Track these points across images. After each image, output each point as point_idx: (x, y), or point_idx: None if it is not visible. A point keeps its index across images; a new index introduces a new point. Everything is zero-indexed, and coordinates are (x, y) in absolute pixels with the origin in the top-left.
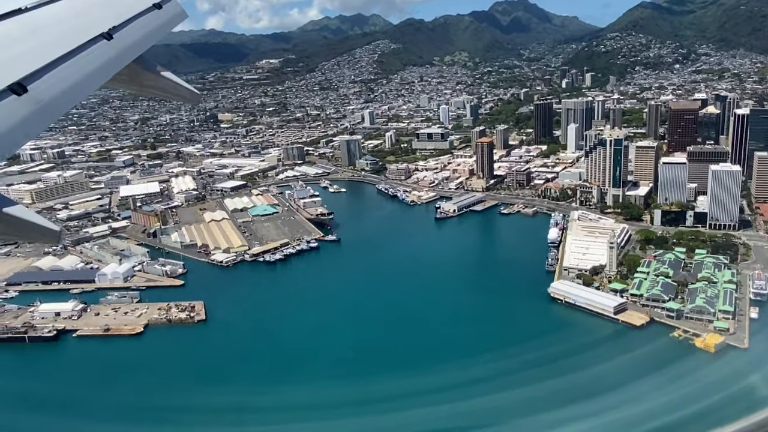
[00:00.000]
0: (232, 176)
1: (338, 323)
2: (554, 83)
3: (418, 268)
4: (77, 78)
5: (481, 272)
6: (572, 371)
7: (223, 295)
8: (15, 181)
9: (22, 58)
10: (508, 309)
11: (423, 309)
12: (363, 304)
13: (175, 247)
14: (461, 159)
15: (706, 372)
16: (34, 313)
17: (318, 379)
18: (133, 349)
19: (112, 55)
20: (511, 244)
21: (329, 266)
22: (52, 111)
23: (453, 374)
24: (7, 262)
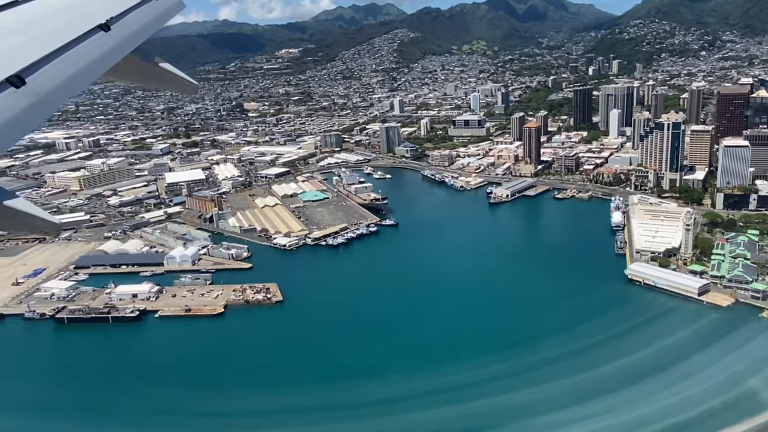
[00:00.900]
0: (273, 163)
1: (411, 306)
2: (580, 71)
3: (482, 252)
4: (75, 70)
5: (548, 255)
6: (667, 351)
7: (293, 277)
8: (57, 168)
9: (19, 50)
10: (587, 291)
11: (498, 291)
12: (435, 287)
13: (234, 231)
14: (502, 145)
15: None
16: (111, 294)
17: (402, 360)
18: (215, 328)
19: (109, 47)
20: (571, 228)
21: (391, 250)
22: (50, 103)
23: (544, 353)
24: (70, 247)
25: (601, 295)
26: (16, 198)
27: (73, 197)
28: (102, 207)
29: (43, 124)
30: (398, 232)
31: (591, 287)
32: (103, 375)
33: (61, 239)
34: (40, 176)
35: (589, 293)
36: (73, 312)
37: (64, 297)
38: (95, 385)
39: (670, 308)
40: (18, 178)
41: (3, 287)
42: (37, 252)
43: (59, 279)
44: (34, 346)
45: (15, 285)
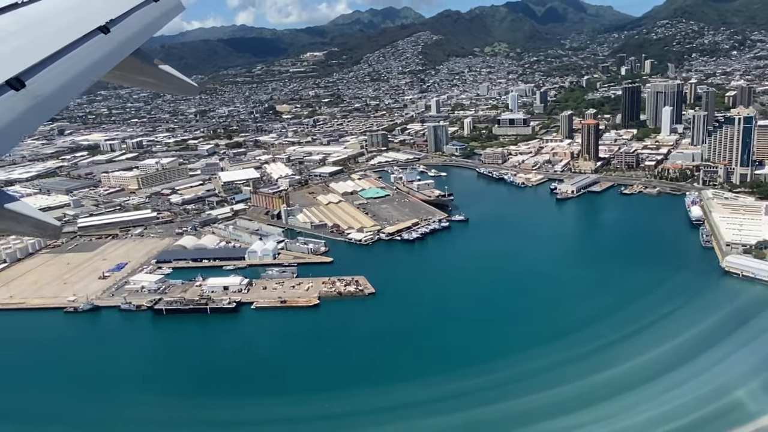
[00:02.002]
0: (323, 162)
1: (499, 299)
2: (611, 71)
3: (559, 245)
4: (75, 72)
5: (632, 249)
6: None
7: (376, 270)
8: (108, 169)
9: (19, 53)
10: (686, 284)
11: (590, 284)
12: (520, 280)
13: (304, 227)
14: (553, 143)
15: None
16: (203, 286)
17: (504, 350)
18: (312, 319)
19: (109, 49)
20: (647, 223)
21: (466, 244)
22: (50, 106)
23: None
24: (144, 243)
25: (702, 288)
26: (17, 201)
27: (132, 195)
28: (164, 205)
29: (80, 127)
30: (469, 227)
31: (687, 280)
32: (207, 363)
33: (134, 235)
34: (92, 176)
35: (688, 286)
36: (171, 303)
37: (154, 290)
38: (201, 373)
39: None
40: (71, 178)
41: (91, 281)
42: (113, 248)
43: (145, 273)
44: (138, 335)
45: (102, 279)
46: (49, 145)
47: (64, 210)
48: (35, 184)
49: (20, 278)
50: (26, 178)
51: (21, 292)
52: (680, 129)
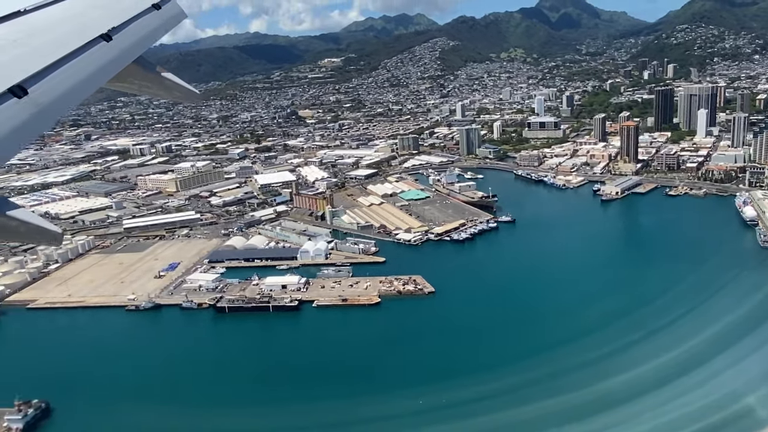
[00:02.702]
0: (356, 165)
1: (557, 296)
2: (633, 75)
3: (615, 246)
4: (77, 80)
5: (689, 249)
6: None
7: (429, 270)
8: (142, 172)
9: (21, 60)
10: (754, 283)
11: (649, 285)
12: (577, 278)
13: (350, 228)
14: (587, 146)
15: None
16: (260, 286)
17: (570, 346)
18: (374, 317)
19: (111, 57)
20: (697, 224)
21: (517, 244)
22: (51, 113)
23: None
24: (192, 243)
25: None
26: (18, 208)
27: (171, 198)
28: (204, 207)
29: (106, 132)
30: (516, 227)
31: (755, 280)
32: (273, 359)
33: (180, 236)
34: (126, 179)
35: (759, 286)
36: (233, 301)
37: (212, 288)
38: (268, 370)
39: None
40: (106, 181)
41: (147, 280)
42: (162, 248)
43: (200, 272)
44: (203, 332)
45: (157, 278)
46: (77, 149)
47: (106, 212)
48: (71, 187)
49: (75, 277)
50: (62, 181)
51: (78, 291)
52: (715, 131)
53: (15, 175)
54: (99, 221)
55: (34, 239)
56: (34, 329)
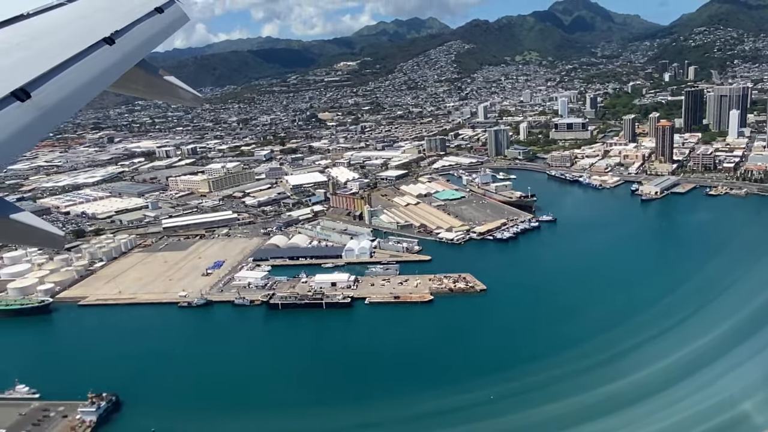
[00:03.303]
0: (385, 166)
1: (608, 294)
2: (654, 77)
3: (662, 245)
4: (80, 83)
5: (740, 248)
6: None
7: (476, 268)
8: (171, 173)
9: (24, 64)
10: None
11: (710, 286)
12: (627, 277)
13: (390, 227)
14: (618, 146)
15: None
16: (310, 283)
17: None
18: (428, 314)
19: (114, 60)
20: (744, 223)
21: (561, 243)
22: (54, 116)
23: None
24: (234, 242)
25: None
26: (22, 212)
27: (203, 198)
28: (239, 207)
29: (128, 135)
30: (558, 227)
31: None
32: (329, 355)
33: (220, 235)
34: (156, 180)
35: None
36: (286, 298)
37: (261, 286)
38: (324, 364)
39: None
40: (136, 182)
41: (194, 277)
42: (204, 247)
43: (246, 270)
44: (258, 328)
45: (205, 276)
46: (102, 152)
47: (143, 212)
48: (103, 188)
49: (122, 275)
50: (92, 182)
51: (128, 288)
52: (747, 132)
53: (45, 176)
54: (136, 221)
55: (37, 242)
56: (89, 325)
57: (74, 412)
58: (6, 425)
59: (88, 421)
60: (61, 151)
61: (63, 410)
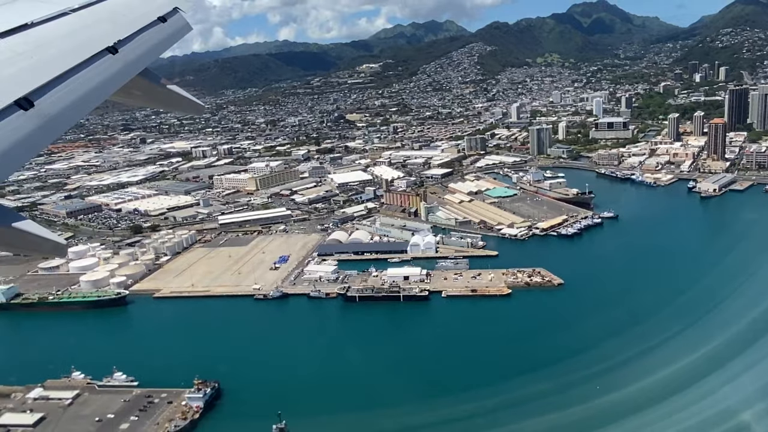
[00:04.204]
0: (427, 165)
1: (685, 289)
2: (684, 78)
3: (729, 241)
4: (83, 92)
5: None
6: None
7: (548, 262)
8: (213, 172)
9: (28, 73)
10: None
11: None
12: (702, 274)
13: (448, 223)
14: (664, 145)
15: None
16: (383, 277)
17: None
18: (507, 307)
19: (117, 69)
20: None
21: (626, 239)
22: (57, 125)
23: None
24: (293, 238)
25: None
26: (23, 219)
27: (250, 196)
28: (289, 204)
29: (158, 136)
30: (620, 223)
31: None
32: (414, 345)
33: (277, 231)
34: (198, 179)
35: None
36: (362, 291)
37: (333, 279)
38: (409, 355)
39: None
40: (180, 181)
41: (263, 271)
42: (264, 242)
43: (314, 264)
44: (339, 319)
45: (273, 270)
46: (136, 152)
47: (195, 209)
48: (148, 186)
49: (190, 269)
50: (136, 181)
51: (199, 281)
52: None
53: (86, 175)
54: (190, 217)
55: (39, 250)
56: (168, 316)
57: (177, 398)
58: (112, 411)
59: (195, 407)
60: (96, 151)
61: (166, 397)
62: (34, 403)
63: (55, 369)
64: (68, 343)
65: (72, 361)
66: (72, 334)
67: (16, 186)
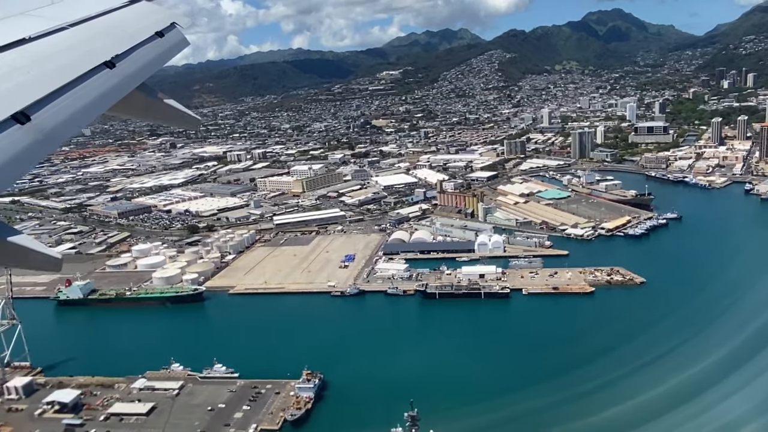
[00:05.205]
0: (469, 168)
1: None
2: (711, 84)
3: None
4: (80, 106)
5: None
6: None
7: (622, 261)
8: (253, 176)
9: (25, 87)
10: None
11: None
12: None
13: (508, 224)
14: (710, 149)
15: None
16: (458, 275)
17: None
18: (591, 304)
19: (114, 83)
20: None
21: (695, 239)
22: (54, 139)
23: None
24: (353, 238)
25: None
26: (19, 234)
27: (298, 198)
28: (338, 205)
29: (187, 141)
30: (684, 224)
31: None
32: (505, 339)
33: (335, 231)
34: (239, 182)
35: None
36: (442, 288)
37: (406, 277)
38: (497, 349)
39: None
40: (221, 184)
41: (333, 269)
42: (325, 242)
43: (383, 262)
44: (421, 315)
45: (342, 268)
46: (169, 156)
47: (246, 210)
48: (192, 188)
49: (258, 267)
50: (178, 183)
51: (271, 279)
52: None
53: (125, 178)
54: (243, 218)
55: (34, 265)
56: (248, 311)
57: (284, 389)
58: (221, 400)
59: (305, 397)
60: (129, 156)
61: (272, 387)
62: (140, 393)
63: (153, 361)
64: (155, 337)
65: (168, 354)
66: (155, 328)
67: (58, 189)
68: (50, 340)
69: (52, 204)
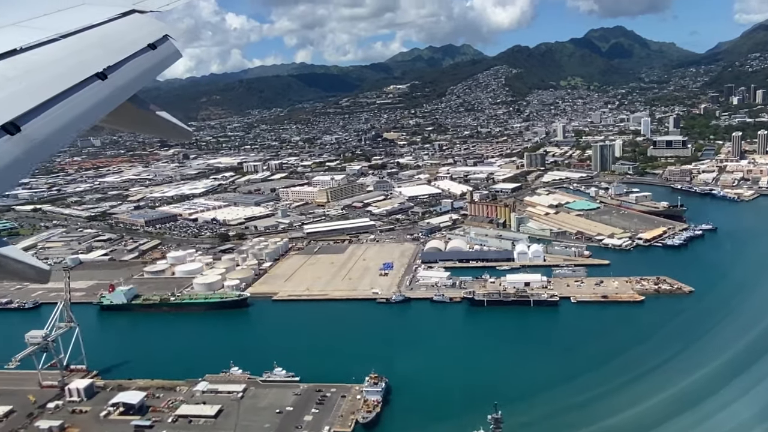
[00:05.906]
0: (490, 180)
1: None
2: (720, 100)
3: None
4: (71, 117)
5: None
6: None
7: (666, 271)
8: (274, 186)
9: (16, 98)
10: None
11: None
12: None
13: (543, 234)
14: (733, 163)
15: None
16: (503, 283)
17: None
18: (641, 313)
19: (105, 95)
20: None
21: (735, 250)
22: (44, 150)
23: None
24: (387, 247)
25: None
26: (6, 246)
27: (323, 208)
28: (365, 215)
29: (199, 152)
30: (720, 235)
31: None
32: (561, 346)
33: (368, 240)
34: (260, 191)
35: None
36: (490, 295)
37: (449, 285)
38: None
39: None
40: (242, 194)
41: (373, 276)
42: (359, 250)
43: (423, 270)
44: (473, 322)
45: (383, 276)
46: (183, 166)
47: (274, 219)
48: (214, 198)
49: (297, 274)
50: (198, 193)
51: (312, 285)
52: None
53: (144, 188)
54: (272, 227)
55: (22, 276)
56: (295, 317)
57: (349, 392)
58: (288, 404)
59: (374, 400)
60: (143, 166)
61: (336, 391)
62: (204, 396)
63: (210, 365)
64: (207, 341)
65: (223, 358)
66: (205, 333)
67: (77, 197)
68: (100, 344)
69: (75, 212)
